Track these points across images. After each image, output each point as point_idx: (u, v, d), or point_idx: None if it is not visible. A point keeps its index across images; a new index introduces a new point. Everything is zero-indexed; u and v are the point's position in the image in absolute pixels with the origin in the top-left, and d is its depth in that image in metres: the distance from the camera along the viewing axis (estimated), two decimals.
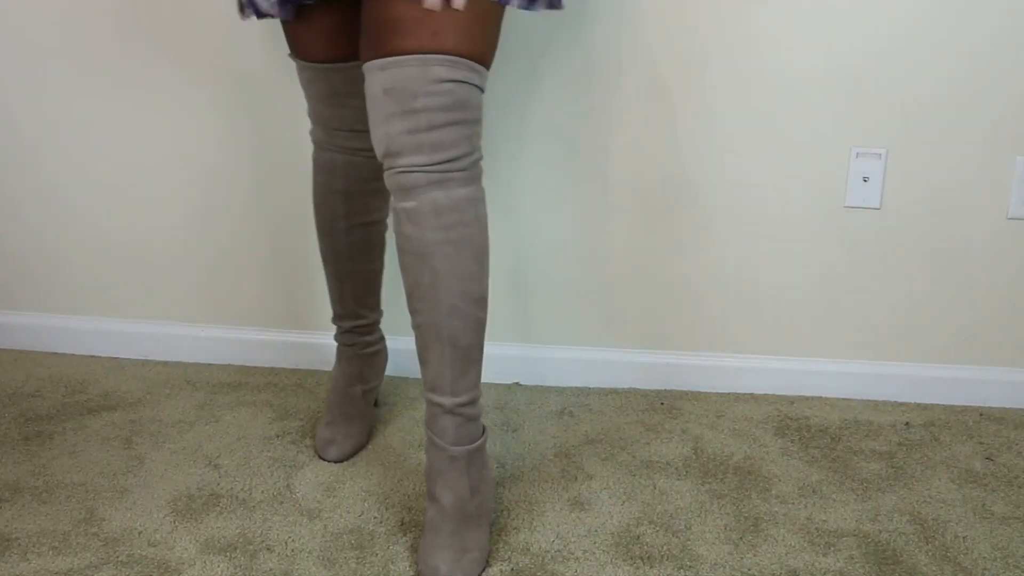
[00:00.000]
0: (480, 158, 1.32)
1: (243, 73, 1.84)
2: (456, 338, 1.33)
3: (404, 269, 1.34)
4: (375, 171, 1.57)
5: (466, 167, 1.30)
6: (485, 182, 1.84)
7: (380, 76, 1.28)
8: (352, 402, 1.68)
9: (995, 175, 1.79)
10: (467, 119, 1.29)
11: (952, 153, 1.78)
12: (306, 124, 1.85)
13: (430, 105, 1.26)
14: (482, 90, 1.32)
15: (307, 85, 1.54)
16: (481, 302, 1.34)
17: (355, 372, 1.69)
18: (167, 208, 1.94)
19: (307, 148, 1.87)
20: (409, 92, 1.26)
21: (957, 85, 1.75)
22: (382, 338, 1.73)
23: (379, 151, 1.31)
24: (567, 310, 1.90)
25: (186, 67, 1.85)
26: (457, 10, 1.26)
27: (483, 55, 1.30)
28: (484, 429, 1.41)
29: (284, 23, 1.50)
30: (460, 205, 1.30)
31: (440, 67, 1.26)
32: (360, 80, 1.50)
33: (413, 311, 1.35)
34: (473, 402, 1.37)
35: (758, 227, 1.84)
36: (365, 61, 1.31)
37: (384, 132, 1.29)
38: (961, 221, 1.81)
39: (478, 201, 1.32)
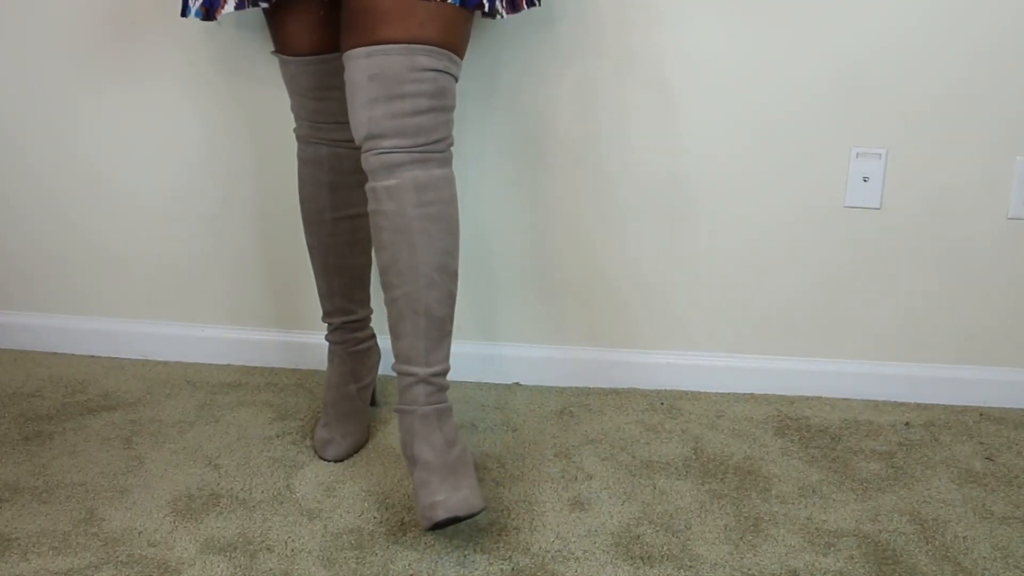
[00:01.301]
0: (452, 143, 1.40)
1: (244, 74, 1.84)
2: (432, 309, 1.40)
3: (381, 246, 1.40)
4: (358, 163, 1.61)
5: (442, 150, 1.39)
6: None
7: (365, 63, 1.34)
8: (348, 401, 1.68)
9: (995, 175, 1.78)
10: (446, 106, 1.38)
11: (952, 153, 1.78)
12: None
13: (415, 91, 1.34)
14: (457, 80, 1.40)
15: (291, 80, 1.56)
16: (454, 276, 1.42)
17: (348, 371, 1.69)
18: (167, 208, 1.94)
19: None
20: (396, 79, 1.33)
21: (957, 85, 1.75)
22: (373, 335, 1.74)
23: (360, 134, 1.38)
24: (567, 310, 1.90)
25: (186, 68, 1.85)
26: (444, 2, 1.33)
27: (460, 47, 1.39)
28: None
29: (269, 19, 1.53)
30: (438, 183, 1.38)
31: (425, 56, 1.34)
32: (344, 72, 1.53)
33: (389, 286, 1.41)
34: (444, 373, 1.43)
35: (758, 227, 1.84)
36: (347, 49, 1.37)
37: (367, 116, 1.35)
38: (961, 221, 1.81)
39: (451, 181, 1.40)
